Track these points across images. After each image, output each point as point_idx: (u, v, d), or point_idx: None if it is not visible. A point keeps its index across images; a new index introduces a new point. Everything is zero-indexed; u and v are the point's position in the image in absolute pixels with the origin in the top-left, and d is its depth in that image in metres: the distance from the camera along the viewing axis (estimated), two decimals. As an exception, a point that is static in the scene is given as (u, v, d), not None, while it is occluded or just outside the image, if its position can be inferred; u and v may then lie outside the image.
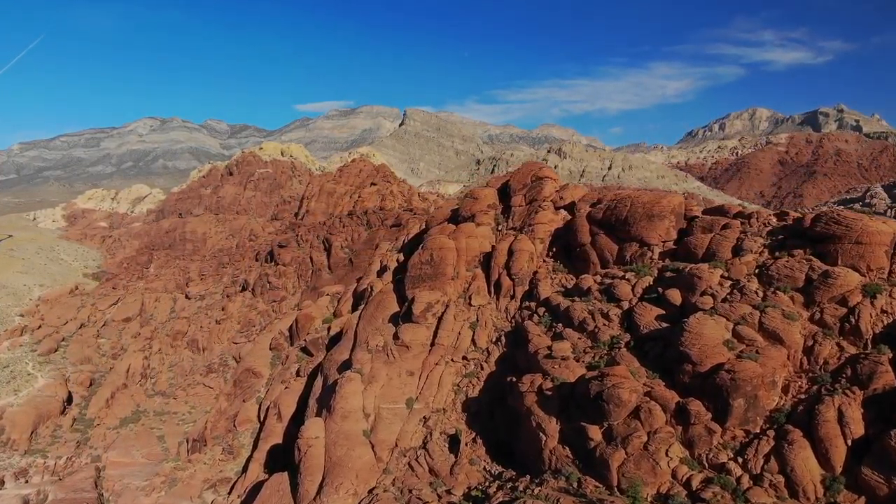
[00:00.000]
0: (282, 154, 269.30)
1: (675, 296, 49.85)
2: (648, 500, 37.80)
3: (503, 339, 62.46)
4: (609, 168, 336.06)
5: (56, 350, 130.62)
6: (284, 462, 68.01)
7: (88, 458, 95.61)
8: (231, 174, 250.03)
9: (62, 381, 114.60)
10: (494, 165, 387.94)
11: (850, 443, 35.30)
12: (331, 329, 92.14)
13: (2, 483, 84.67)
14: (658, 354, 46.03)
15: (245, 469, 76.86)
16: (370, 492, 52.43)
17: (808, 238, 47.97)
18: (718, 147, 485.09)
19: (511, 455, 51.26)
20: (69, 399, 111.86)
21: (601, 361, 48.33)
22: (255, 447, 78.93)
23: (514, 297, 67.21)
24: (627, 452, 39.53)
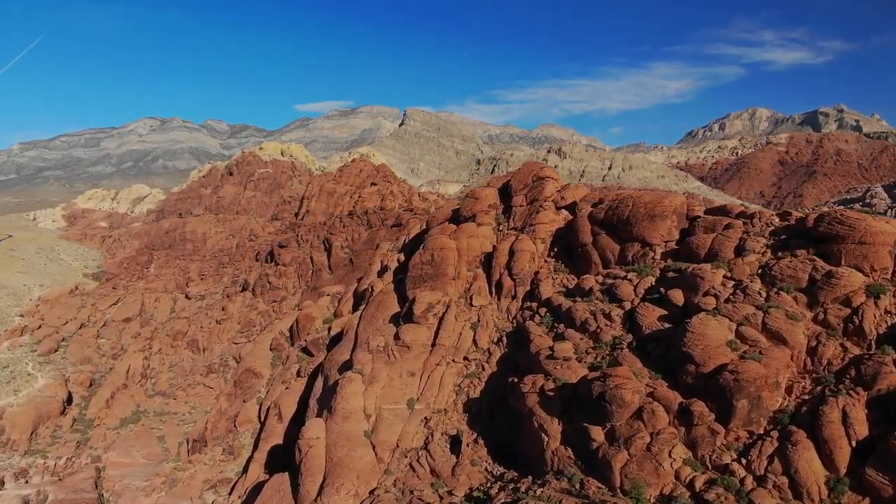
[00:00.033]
0: (282, 154, 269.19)
1: (678, 296, 49.62)
2: (651, 502, 37.58)
3: (504, 340, 62.23)
4: (609, 168, 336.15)
5: (56, 350, 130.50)
6: (285, 463, 67.84)
7: (88, 459, 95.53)
8: (231, 174, 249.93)
9: (62, 382, 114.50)
10: (494, 165, 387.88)
11: (855, 444, 35.07)
12: (331, 329, 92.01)
13: (2, 483, 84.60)
14: (660, 355, 45.84)
15: (245, 469, 76.70)
16: (371, 493, 52.26)
17: (812, 238, 47.77)
18: (718, 147, 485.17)
19: (513, 456, 51.02)
20: (69, 399, 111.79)
21: (603, 362, 48.13)
22: (256, 448, 78.78)
23: (516, 298, 67.01)
24: (630, 453, 39.32)
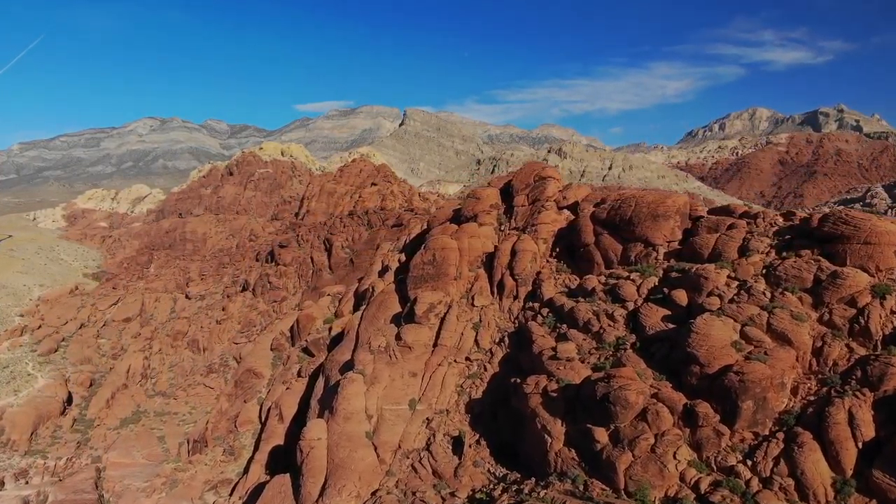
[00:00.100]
0: (282, 154, 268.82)
1: (682, 296, 49.39)
2: (656, 504, 37.38)
3: (506, 340, 61.99)
4: (609, 168, 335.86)
5: (56, 350, 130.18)
6: (286, 463, 67.56)
7: (89, 459, 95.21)
8: (231, 174, 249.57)
9: (62, 382, 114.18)
10: (495, 165, 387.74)
11: (861, 445, 34.80)
12: (332, 329, 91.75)
13: (2, 484, 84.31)
14: (664, 356, 45.59)
15: (246, 470, 76.43)
16: (373, 494, 51.98)
17: (816, 238, 47.56)
18: (718, 147, 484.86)
19: (515, 457, 50.75)
20: (69, 399, 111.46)
21: (607, 363, 47.88)
22: (257, 448, 78.51)
23: (518, 298, 66.78)
24: (634, 455, 39.06)
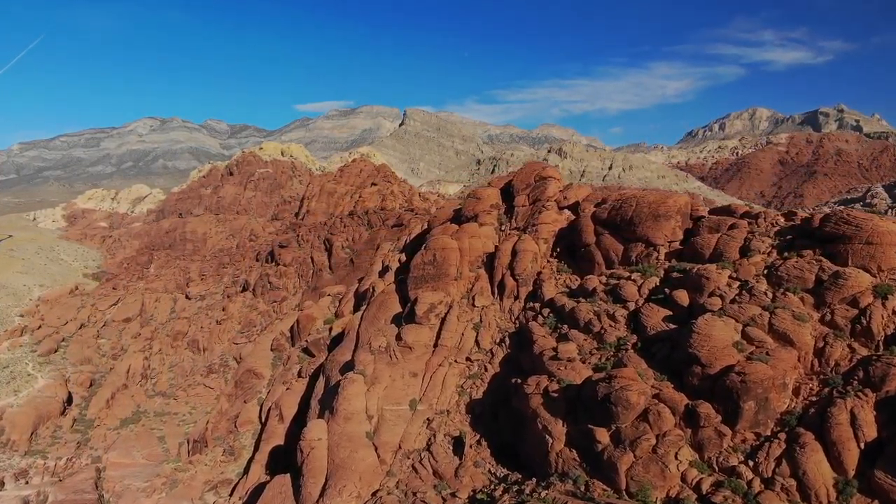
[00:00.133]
0: (282, 154, 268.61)
1: (683, 297, 49.30)
2: (657, 504, 37.27)
3: (507, 341, 61.91)
4: (609, 168, 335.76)
5: (56, 350, 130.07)
6: (286, 464, 67.49)
7: (89, 459, 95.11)
8: (231, 174, 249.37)
9: (62, 382, 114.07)
10: (495, 165, 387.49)
11: (863, 446, 34.73)
12: (332, 330, 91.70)
13: (2, 484, 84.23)
14: (665, 356, 45.50)
15: (246, 470, 76.37)
16: (374, 494, 51.90)
17: (818, 238, 47.46)
18: (719, 147, 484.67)
19: (516, 457, 50.67)
20: (69, 400, 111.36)
21: (608, 363, 47.80)
22: (257, 448, 78.45)
23: (518, 298, 66.69)
24: (636, 455, 38.97)
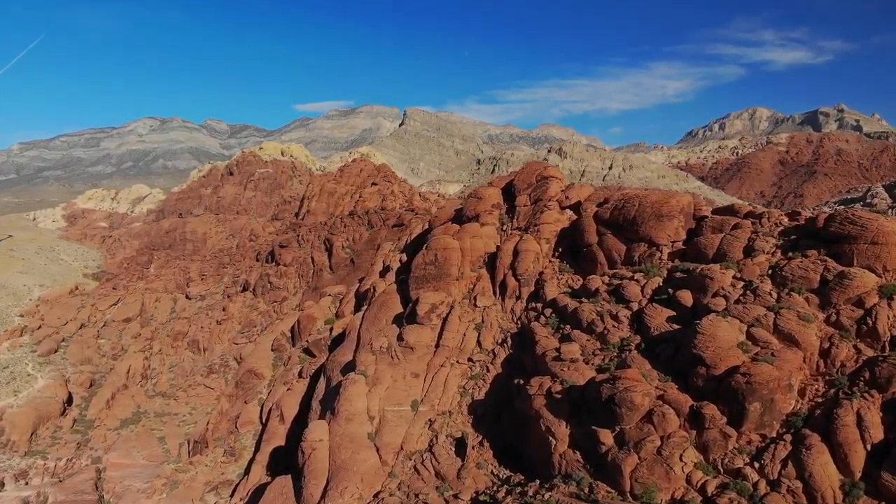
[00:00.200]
0: (282, 154, 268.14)
1: (686, 297, 49.04)
2: (662, 506, 36.99)
3: (509, 341, 61.63)
4: (610, 168, 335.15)
5: (56, 351, 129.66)
6: (287, 464, 67.22)
7: (89, 460, 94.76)
8: (231, 174, 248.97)
9: (62, 382, 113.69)
10: (495, 165, 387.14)
11: (870, 447, 34.58)
12: (333, 330, 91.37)
13: (2, 485, 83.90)
14: (669, 357, 45.24)
15: (247, 471, 76.08)
16: (376, 496, 51.67)
17: (822, 238, 47.20)
18: (719, 147, 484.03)
19: (519, 459, 50.41)
20: (69, 400, 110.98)
21: (611, 364, 47.56)
22: (258, 449, 78.16)
23: (520, 298, 66.41)
24: (640, 457, 38.72)
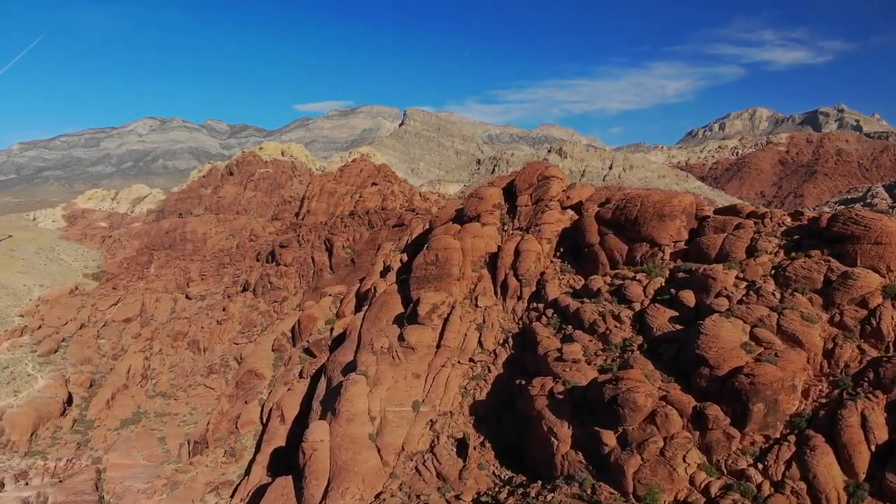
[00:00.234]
0: (282, 154, 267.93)
1: (689, 297, 48.84)
2: (665, 508, 36.81)
3: (511, 341, 61.45)
4: (610, 168, 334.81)
5: (56, 351, 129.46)
6: (288, 465, 67.05)
7: (89, 460, 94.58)
8: (231, 174, 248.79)
9: (62, 382, 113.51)
10: (495, 165, 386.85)
11: (874, 448, 34.37)
12: (334, 330, 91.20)
13: (2, 485, 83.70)
14: (672, 357, 45.05)
15: (248, 472, 75.91)
16: (377, 497, 51.50)
17: (825, 238, 47.00)
18: (719, 147, 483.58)
19: (521, 459, 50.21)
20: (69, 400, 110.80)
21: (613, 364, 47.37)
22: (258, 450, 77.98)
23: (522, 299, 66.22)
24: (643, 458, 38.53)
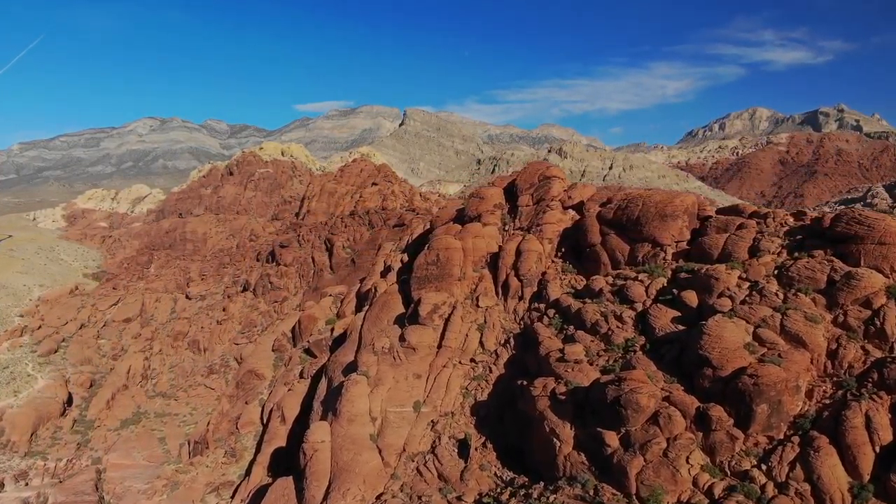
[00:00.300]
0: (282, 154, 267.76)
1: (691, 297, 48.64)
2: (668, 509, 36.64)
3: (512, 342, 61.24)
4: (610, 168, 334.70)
5: (56, 351, 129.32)
6: (288, 465, 66.87)
7: (89, 460, 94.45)
8: (231, 174, 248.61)
9: (62, 383, 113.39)
10: (495, 165, 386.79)
11: (878, 449, 34.16)
12: (334, 330, 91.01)
13: (2, 485, 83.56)
14: (674, 358, 44.87)
15: (248, 472, 75.69)
16: (378, 497, 51.32)
17: (828, 238, 46.80)
18: (719, 147, 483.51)
19: (522, 460, 50.03)
20: (69, 400, 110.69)
21: (616, 365, 47.18)
22: (259, 450, 77.78)
23: (523, 299, 66.02)
24: (646, 459, 38.35)
